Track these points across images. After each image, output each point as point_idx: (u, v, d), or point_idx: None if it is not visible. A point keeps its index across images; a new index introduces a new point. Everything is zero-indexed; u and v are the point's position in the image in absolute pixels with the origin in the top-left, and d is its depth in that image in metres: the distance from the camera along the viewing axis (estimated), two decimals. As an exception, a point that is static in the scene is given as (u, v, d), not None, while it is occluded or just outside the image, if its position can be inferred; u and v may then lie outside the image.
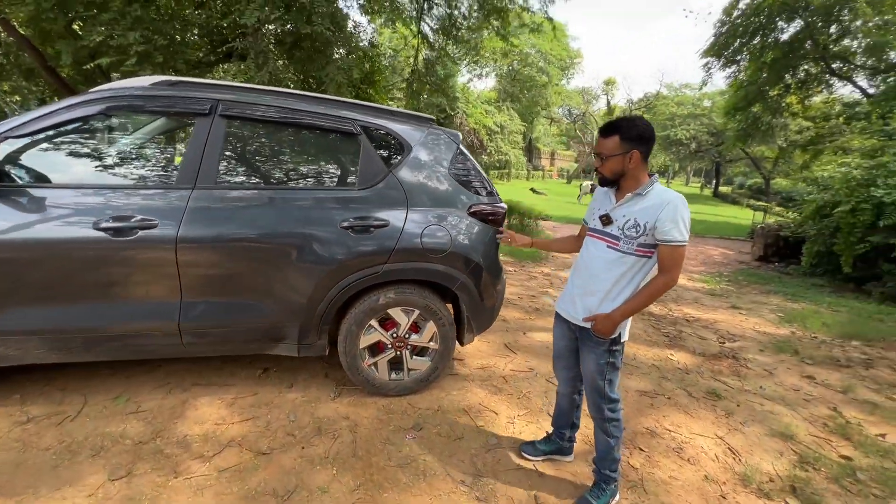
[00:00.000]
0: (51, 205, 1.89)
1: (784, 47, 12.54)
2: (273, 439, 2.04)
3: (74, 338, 2.01)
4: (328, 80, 6.00)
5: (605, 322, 1.64)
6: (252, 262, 2.10)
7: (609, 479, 1.83)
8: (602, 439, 1.82)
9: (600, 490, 1.82)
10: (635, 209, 1.61)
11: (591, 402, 1.80)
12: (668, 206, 1.54)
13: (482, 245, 2.42)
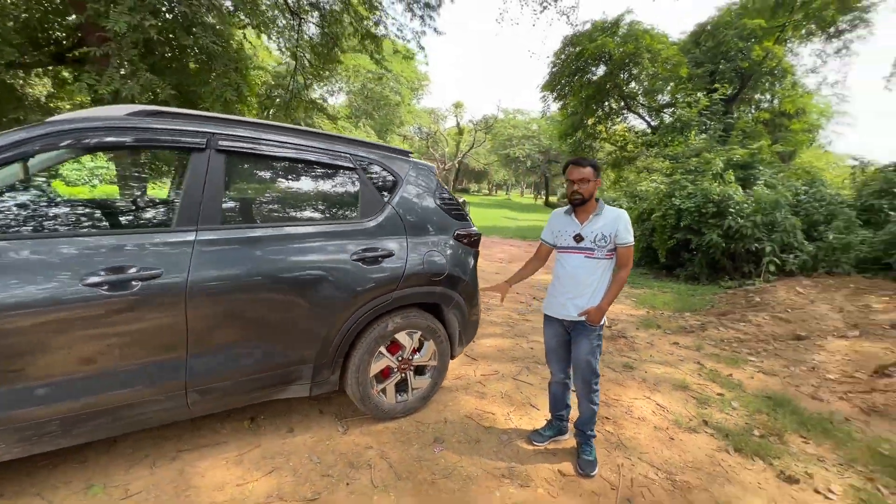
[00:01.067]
0: (20, 259, 1.53)
1: (595, 86, 15.79)
2: (312, 484, 1.97)
3: (50, 422, 1.63)
4: (213, 97, 5.45)
5: (597, 313, 2.12)
6: (266, 303, 2.00)
7: (593, 436, 2.32)
8: (587, 408, 2.29)
9: (589, 446, 2.31)
10: (598, 225, 2.14)
11: (582, 379, 2.25)
12: (621, 218, 2.12)
13: (468, 266, 2.71)
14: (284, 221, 2.20)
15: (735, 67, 13.59)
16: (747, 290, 6.55)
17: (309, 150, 2.24)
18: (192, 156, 1.91)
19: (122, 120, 1.81)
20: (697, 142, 10.83)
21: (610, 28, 13.35)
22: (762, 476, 2.30)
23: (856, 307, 5.36)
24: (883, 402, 3.29)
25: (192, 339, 1.83)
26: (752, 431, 2.73)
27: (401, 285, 2.36)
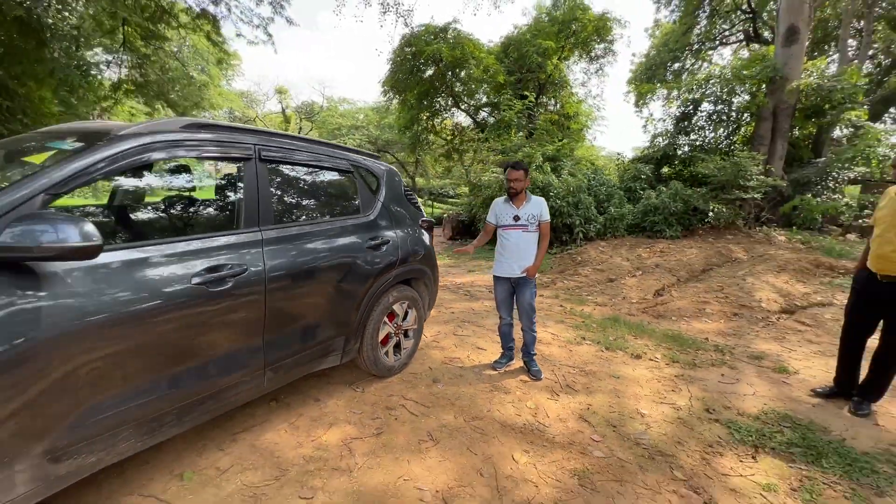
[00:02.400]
0: (137, 264, 1.66)
1: (427, 83, 17.30)
2: (369, 425, 2.48)
3: (170, 411, 1.78)
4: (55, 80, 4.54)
5: (533, 269, 3.16)
6: (314, 287, 2.38)
7: (535, 354, 3.38)
8: (531, 336, 3.33)
9: (533, 362, 3.35)
10: (529, 209, 3.18)
11: (527, 316, 3.27)
12: (543, 204, 3.21)
13: (431, 247, 3.43)
14: (315, 218, 2.55)
15: (535, 77, 16.86)
16: (570, 254, 8.81)
17: (322, 157, 2.62)
18: (245, 164, 2.15)
19: (180, 132, 1.95)
20: (518, 139, 13.30)
21: (440, 34, 14.90)
22: (624, 358, 3.73)
23: (634, 256, 7.93)
24: (663, 310, 5.33)
25: (268, 325, 2.13)
26: (609, 338, 4.24)
27: (398, 265, 2.95)
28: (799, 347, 4.14)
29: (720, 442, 2.50)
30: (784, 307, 5.30)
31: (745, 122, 12.29)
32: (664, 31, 24.02)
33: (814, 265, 6.84)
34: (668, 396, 3.06)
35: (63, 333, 1.40)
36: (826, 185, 10.57)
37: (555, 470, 2.18)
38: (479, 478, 2.09)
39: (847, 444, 2.46)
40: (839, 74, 11.31)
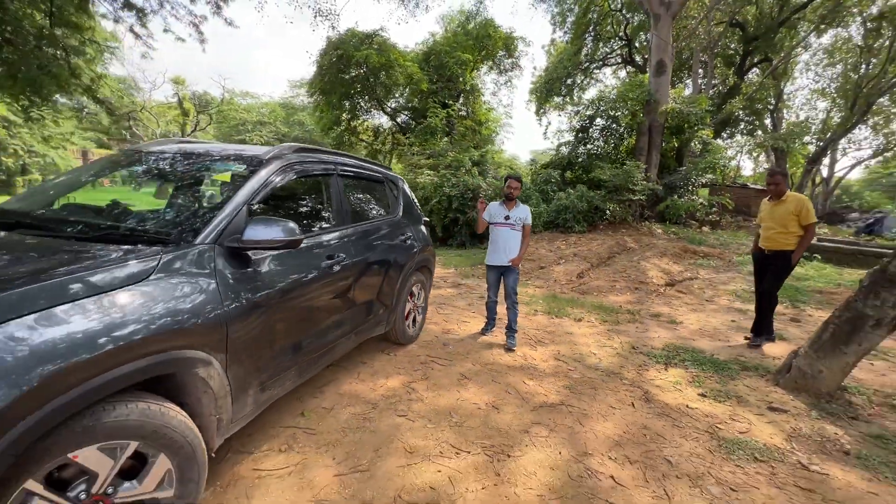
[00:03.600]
0: (304, 251, 2.32)
1: (349, 85, 17.64)
2: (413, 374, 3.28)
3: (315, 358, 2.44)
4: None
5: (518, 260, 4.20)
6: (375, 271, 3.13)
7: (516, 330, 4.42)
8: (514, 313, 4.33)
9: (514, 335, 4.39)
10: (517, 212, 4.21)
11: (511, 298, 4.29)
12: (528, 210, 4.26)
13: (430, 241, 4.29)
14: (370, 218, 3.26)
15: (455, 86, 18.19)
16: (502, 247, 10.13)
17: (366, 170, 3.35)
18: (332, 179, 2.83)
19: (301, 155, 2.59)
20: (444, 143, 14.42)
21: (366, 39, 15.40)
22: (569, 322, 4.97)
23: (554, 248, 9.50)
24: (585, 289, 6.79)
25: (353, 299, 2.84)
26: (554, 309, 5.46)
27: (417, 255, 3.77)
28: (680, 307, 5.80)
29: (644, 364, 3.78)
30: (667, 281, 7.11)
31: (628, 136, 14.88)
32: (559, 49, 27.00)
33: (682, 250, 8.99)
34: (606, 342, 4.32)
35: (265, 297, 2.03)
36: (687, 189, 13.41)
37: (553, 386, 3.23)
38: (508, 395, 3.05)
39: (714, 357, 3.91)
40: (692, 102, 14.33)
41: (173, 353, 1.56)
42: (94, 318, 1.35)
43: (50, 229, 1.95)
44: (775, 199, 4.10)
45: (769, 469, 2.33)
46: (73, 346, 1.26)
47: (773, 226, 4.08)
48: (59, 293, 1.33)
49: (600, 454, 2.40)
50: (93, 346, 1.31)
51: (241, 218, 1.99)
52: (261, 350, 2.02)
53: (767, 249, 4.17)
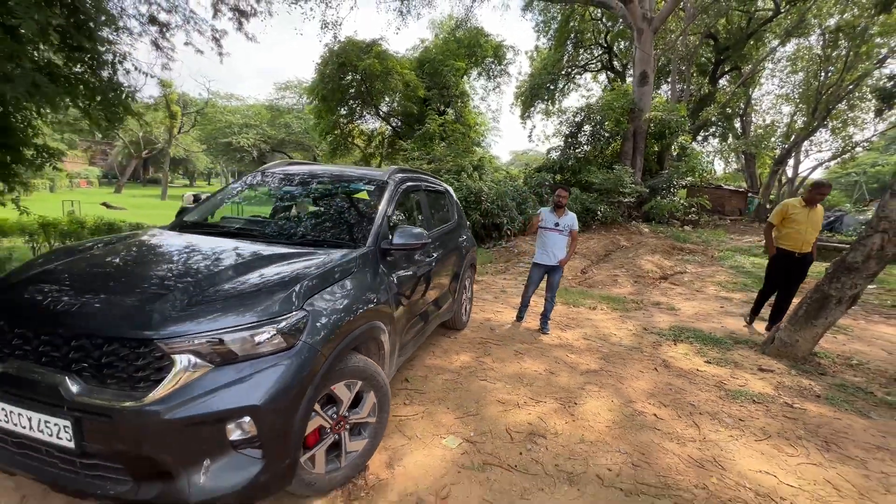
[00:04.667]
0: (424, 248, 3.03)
1: (347, 91, 18.18)
2: (478, 351, 4.00)
3: (421, 332, 3.15)
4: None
5: (565, 261, 4.94)
6: (449, 267, 3.84)
7: (549, 319, 5.17)
8: (550, 304, 5.07)
9: (548, 322, 5.14)
10: (565, 220, 4.92)
11: (552, 291, 5.02)
12: (575, 217, 4.98)
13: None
14: (442, 224, 3.96)
15: (448, 93, 18.93)
16: (506, 247, 10.92)
17: (434, 185, 4.05)
18: (420, 193, 3.53)
19: (402, 173, 3.28)
20: (440, 149, 15.14)
21: (366, 48, 15.97)
22: (585, 310, 5.78)
23: (555, 247, 10.33)
24: (591, 283, 7.63)
25: (439, 288, 3.55)
26: (569, 301, 6.26)
27: (469, 253, 4.50)
28: (676, 297, 6.69)
29: (657, 341, 4.60)
30: (661, 275, 8.03)
31: (614, 141, 15.92)
32: (542, 56, 28.02)
33: (671, 247, 9.97)
34: (622, 325, 5.14)
35: (401, 283, 2.72)
36: (668, 191, 14.52)
37: (590, 358, 4.01)
38: (558, 365, 3.81)
39: (712, 334, 4.77)
40: (672, 110, 15.47)
41: (373, 323, 2.25)
42: (348, 294, 2.05)
43: (262, 235, 2.61)
44: (811, 207, 4.44)
45: (764, 408, 3.16)
46: (357, 301, 1.98)
47: (810, 230, 4.43)
48: (329, 278, 2.01)
49: (641, 401, 3.18)
50: (351, 310, 2.01)
51: (385, 226, 2.69)
52: (401, 323, 2.72)
53: (800, 252, 4.47)
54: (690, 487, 2.23)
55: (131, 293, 1.74)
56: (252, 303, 1.74)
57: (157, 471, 1.54)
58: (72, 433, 1.50)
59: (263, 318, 1.70)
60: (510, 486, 2.17)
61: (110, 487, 1.54)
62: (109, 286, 1.82)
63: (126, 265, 2.07)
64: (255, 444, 1.62)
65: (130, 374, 1.54)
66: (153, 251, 2.25)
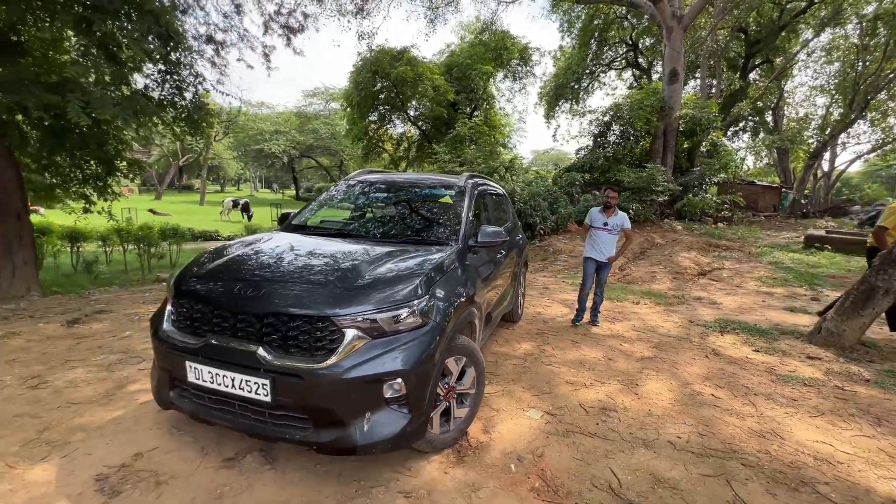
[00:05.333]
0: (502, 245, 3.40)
1: (378, 95, 18.75)
2: (544, 340, 4.35)
3: (496, 318, 3.54)
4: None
5: (613, 259, 5.21)
6: (511, 262, 4.18)
7: (599, 311, 5.47)
8: (601, 298, 5.36)
9: (597, 316, 5.42)
10: (615, 219, 5.19)
11: (601, 286, 5.31)
12: (625, 216, 5.23)
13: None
14: (505, 222, 4.33)
15: (476, 96, 19.31)
16: (541, 246, 11.21)
17: (496, 188, 4.42)
18: (487, 196, 3.91)
19: (474, 178, 3.67)
20: (471, 151, 15.50)
21: (398, 56, 16.51)
22: (630, 305, 6.04)
23: (590, 246, 10.56)
24: (630, 279, 7.85)
25: (506, 281, 3.91)
26: (612, 296, 6.53)
27: (524, 250, 4.85)
28: (716, 292, 6.87)
29: (704, 332, 4.85)
30: (700, 271, 8.19)
31: (643, 139, 15.95)
32: (566, 55, 28.03)
33: (707, 245, 10.06)
34: (668, 318, 5.39)
35: (484, 274, 3.10)
36: (700, 188, 14.49)
37: (643, 346, 4.30)
38: (614, 352, 4.13)
39: (757, 326, 4.97)
40: (703, 107, 15.41)
41: (470, 308, 2.64)
42: (454, 283, 2.45)
43: (368, 235, 3.04)
44: None
45: (816, 390, 3.40)
46: (459, 291, 2.39)
47: None
48: (440, 270, 2.41)
49: (697, 384, 3.47)
50: (459, 296, 2.41)
51: (469, 226, 3.08)
52: (485, 309, 3.10)
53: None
54: (754, 452, 2.53)
55: (302, 281, 2.18)
56: (392, 289, 2.15)
57: (332, 420, 1.96)
58: (269, 390, 1.94)
59: (402, 302, 2.10)
60: (594, 449, 2.52)
61: (296, 433, 1.97)
62: (281, 276, 2.26)
63: (281, 260, 2.51)
64: (402, 402, 2.02)
65: (311, 344, 1.97)
66: (293, 249, 2.69)
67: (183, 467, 2.19)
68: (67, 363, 3.35)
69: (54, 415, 2.61)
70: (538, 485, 2.18)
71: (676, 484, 2.22)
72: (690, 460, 2.43)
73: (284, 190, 59.88)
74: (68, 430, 2.47)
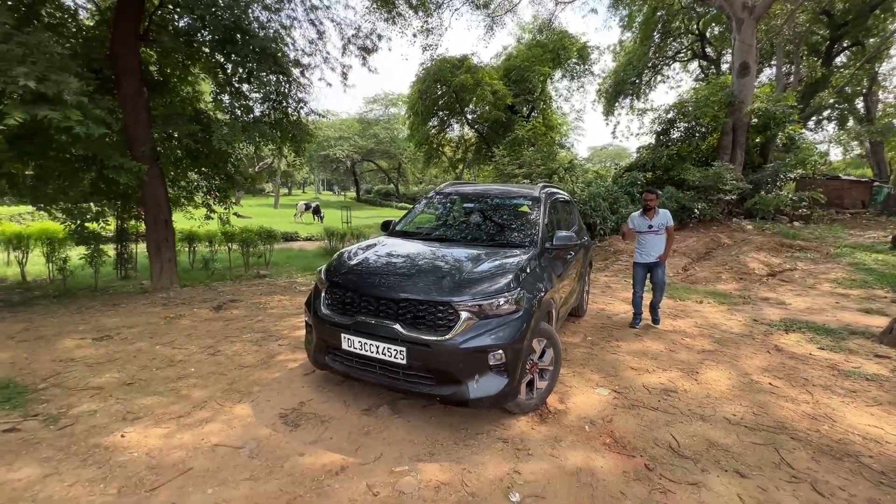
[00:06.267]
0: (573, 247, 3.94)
1: (438, 101, 19.59)
2: (609, 333, 4.81)
3: (567, 310, 4.07)
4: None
5: (664, 256, 5.54)
6: (578, 261, 4.67)
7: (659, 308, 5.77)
8: (660, 298, 5.63)
9: (658, 313, 5.72)
10: (658, 219, 5.53)
11: (660, 287, 5.61)
12: (667, 215, 5.56)
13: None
14: (573, 225, 4.84)
15: (533, 98, 19.60)
16: (602, 246, 11.41)
17: (563, 195, 4.93)
18: (557, 203, 4.44)
19: (548, 188, 4.22)
20: (529, 154, 15.86)
21: (458, 63, 17.25)
22: (692, 304, 6.25)
23: (652, 246, 10.62)
24: (693, 279, 7.96)
25: (575, 278, 4.42)
26: (674, 296, 6.75)
27: (588, 250, 5.31)
28: (786, 293, 6.86)
29: (768, 331, 5.04)
30: (769, 272, 8.10)
31: (710, 136, 15.45)
32: (626, 50, 27.36)
33: (779, 245, 9.79)
34: (731, 317, 5.60)
35: (557, 272, 3.64)
36: (774, 185, 13.84)
37: (704, 341, 4.62)
38: (676, 345, 4.49)
39: (825, 326, 5.07)
40: (778, 99, 14.66)
41: (550, 301, 3.21)
42: (536, 280, 3.04)
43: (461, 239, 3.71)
44: None
45: (878, 384, 3.60)
46: (540, 286, 2.96)
47: None
48: (526, 268, 3.02)
49: (756, 374, 3.79)
50: (541, 290, 2.99)
51: (546, 231, 3.64)
52: (558, 300, 3.65)
53: None
54: (804, 430, 2.88)
55: (424, 275, 2.88)
56: (492, 283, 2.79)
57: (451, 379, 2.63)
58: (405, 355, 2.64)
59: (501, 292, 2.73)
60: (656, 419, 3.00)
61: (425, 388, 2.67)
62: (406, 272, 2.98)
63: (401, 259, 3.24)
64: (502, 369, 2.65)
65: (435, 322, 2.65)
66: (407, 249, 3.42)
67: (335, 413, 2.96)
68: (227, 339, 4.33)
69: (234, 373, 3.53)
70: (609, 441, 2.72)
71: (728, 448, 2.66)
72: (743, 432, 2.84)
73: (345, 192, 62.94)
74: (247, 384, 3.36)
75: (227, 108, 5.97)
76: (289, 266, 11.08)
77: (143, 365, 3.63)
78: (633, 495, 2.22)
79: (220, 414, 2.91)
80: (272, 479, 2.25)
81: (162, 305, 5.64)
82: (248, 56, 5.63)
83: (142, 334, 4.39)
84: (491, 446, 2.61)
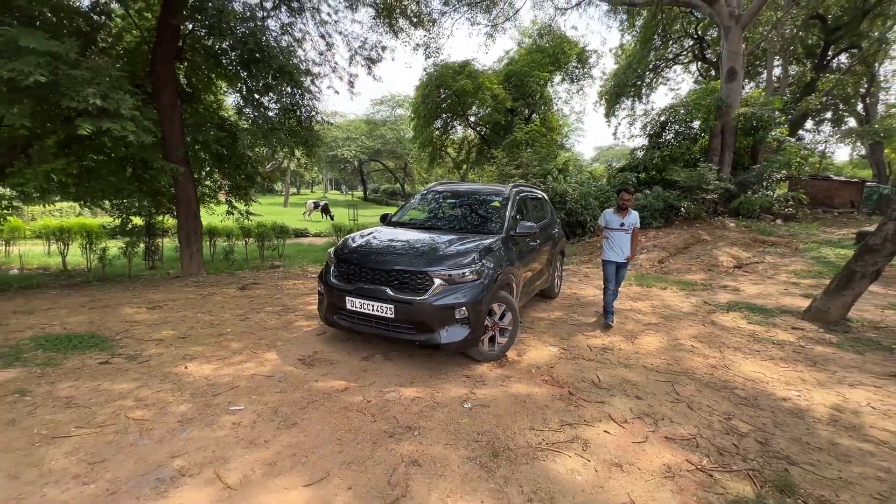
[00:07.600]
0: (525, 237, 4.81)
1: (441, 105, 20.48)
2: (588, 313, 5.67)
3: (531, 291, 4.94)
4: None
5: (631, 257, 6.33)
6: (546, 249, 5.53)
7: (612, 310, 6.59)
8: (617, 296, 6.51)
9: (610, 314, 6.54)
10: (630, 218, 6.30)
11: (619, 285, 6.42)
12: (637, 216, 6.34)
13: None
14: (542, 219, 5.70)
15: (533, 101, 20.40)
16: (590, 242, 12.22)
17: (535, 192, 5.79)
18: (529, 200, 5.31)
19: (518, 187, 5.09)
20: (527, 155, 16.68)
21: (459, 69, 18.12)
22: (657, 290, 7.08)
23: (646, 238, 11.40)
24: (667, 271, 8.77)
25: (540, 262, 5.28)
26: (644, 284, 7.57)
27: (560, 241, 6.16)
28: (745, 282, 7.66)
29: (712, 310, 5.86)
30: (736, 264, 8.88)
31: (701, 138, 16.17)
32: (627, 53, 28.00)
33: (752, 240, 10.55)
34: (685, 300, 6.42)
35: (520, 255, 4.51)
36: (761, 185, 14.53)
37: (653, 317, 5.46)
38: (627, 320, 5.34)
39: (763, 306, 5.88)
40: (765, 104, 15.34)
41: (508, 275, 4.09)
42: (497, 259, 3.92)
43: (442, 227, 4.59)
44: None
45: (780, 347, 4.43)
46: (501, 263, 3.85)
47: None
48: (489, 249, 3.90)
49: (684, 339, 4.63)
50: (500, 266, 3.88)
51: (510, 221, 4.52)
52: (520, 278, 4.51)
53: None
54: (702, 374, 3.73)
55: (409, 253, 3.78)
56: (459, 259, 3.67)
57: (427, 328, 3.51)
58: (393, 311, 3.54)
59: (466, 265, 3.61)
60: (588, 366, 3.86)
61: (407, 335, 3.56)
62: (395, 250, 3.88)
63: (394, 242, 4.14)
64: (465, 321, 3.53)
65: (415, 286, 3.54)
66: (398, 235, 4.32)
67: (341, 358, 3.87)
68: (253, 310, 5.27)
69: (262, 333, 4.45)
70: (547, 378, 3.59)
71: (636, 383, 3.52)
72: (653, 374, 3.70)
73: (352, 191, 64.08)
74: (273, 340, 4.28)
75: (249, 118, 6.93)
76: (300, 258, 12.05)
77: (190, 326, 4.57)
78: (555, 408, 3.10)
79: (254, 357, 3.83)
80: (296, 392, 3.17)
81: (195, 286, 6.61)
82: (268, 73, 6.57)
83: (184, 305, 5.34)
84: (456, 379, 3.51)
